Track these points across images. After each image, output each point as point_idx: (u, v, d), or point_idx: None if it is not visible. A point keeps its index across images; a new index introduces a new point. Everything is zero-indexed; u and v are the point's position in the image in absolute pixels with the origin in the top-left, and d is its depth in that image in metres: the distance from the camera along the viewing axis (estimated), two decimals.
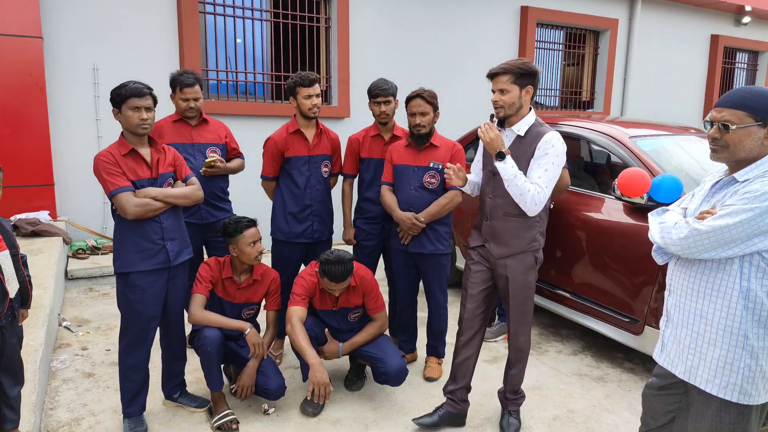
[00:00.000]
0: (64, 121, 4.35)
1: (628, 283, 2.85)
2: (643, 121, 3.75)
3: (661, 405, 1.67)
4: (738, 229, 1.38)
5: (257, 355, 2.38)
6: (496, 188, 2.19)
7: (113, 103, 2.14)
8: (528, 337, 2.33)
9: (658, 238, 1.57)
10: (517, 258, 2.21)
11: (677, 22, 7.93)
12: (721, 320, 1.45)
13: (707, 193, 1.55)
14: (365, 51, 5.49)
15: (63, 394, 2.60)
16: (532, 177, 2.10)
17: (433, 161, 2.66)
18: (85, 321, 3.46)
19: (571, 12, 6.83)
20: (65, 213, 4.44)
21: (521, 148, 2.14)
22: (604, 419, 2.53)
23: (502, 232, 2.20)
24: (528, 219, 2.17)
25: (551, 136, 2.10)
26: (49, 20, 4.19)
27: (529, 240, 2.20)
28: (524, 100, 2.11)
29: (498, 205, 2.19)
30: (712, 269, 1.47)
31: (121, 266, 2.18)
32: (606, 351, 3.25)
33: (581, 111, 7.50)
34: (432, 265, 2.73)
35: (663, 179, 2.67)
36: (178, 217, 2.27)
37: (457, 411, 2.40)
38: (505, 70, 2.07)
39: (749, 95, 1.42)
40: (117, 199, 2.09)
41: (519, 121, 2.14)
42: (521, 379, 2.39)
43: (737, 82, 9.12)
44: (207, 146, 2.83)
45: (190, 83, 2.73)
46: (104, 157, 2.11)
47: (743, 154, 1.44)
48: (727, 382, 1.45)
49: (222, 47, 4.95)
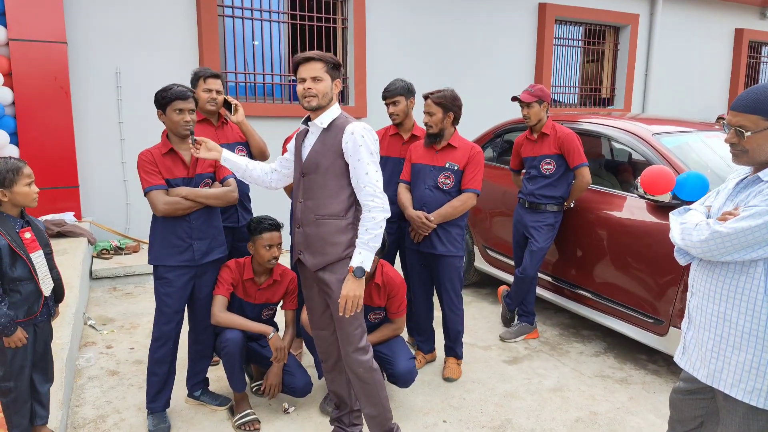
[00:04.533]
0: (88, 124, 4.46)
1: (652, 283, 2.79)
2: (666, 118, 3.67)
3: (689, 410, 1.64)
4: (762, 231, 1.34)
5: (280, 359, 2.41)
6: (307, 190, 1.99)
7: (158, 105, 2.22)
8: (365, 361, 2.01)
9: (678, 239, 1.53)
10: (335, 268, 1.96)
11: (700, 16, 7.73)
12: (746, 324, 1.42)
13: (731, 191, 1.51)
14: (382, 51, 5.49)
15: (88, 391, 2.66)
16: (358, 176, 1.91)
17: (449, 162, 2.66)
18: (109, 320, 3.54)
19: (590, 8, 6.72)
20: (90, 214, 4.55)
21: (327, 141, 1.97)
22: (628, 422, 2.48)
23: (316, 238, 1.97)
24: (342, 220, 1.95)
25: (354, 127, 1.93)
26: (74, 26, 4.30)
27: (344, 245, 1.95)
28: (334, 92, 1.98)
29: (309, 208, 1.98)
30: (736, 271, 1.43)
31: (153, 259, 2.29)
32: (629, 352, 3.19)
33: (601, 108, 7.37)
34: (443, 266, 2.71)
35: (688, 177, 2.61)
36: (210, 217, 2.32)
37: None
38: (320, 58, 1.92)
39: (762, 97, 1.37)
40: (149, 197, 2.19)
41: (320, 115, 1.97)
42: (384, 414, 2.07)
43: (763, 77, 8.85)
44: (234, 146, 2.78)
45: (214, 74, 2.72)
46: (144, 156, 2.22)
47: (764, 156, 1.40)
48: (753, 387, 1.41)
49: (240, 49, 5.01)
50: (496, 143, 4.11)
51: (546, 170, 3.12)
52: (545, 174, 3.13)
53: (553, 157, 3.09)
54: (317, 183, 1.98)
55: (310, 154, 2.00)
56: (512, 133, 3.93)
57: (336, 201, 1.96)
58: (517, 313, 3.43)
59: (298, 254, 2.06)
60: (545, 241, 3.16)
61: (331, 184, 1.96)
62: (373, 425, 2.11)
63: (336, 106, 2.02)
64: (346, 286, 1.91)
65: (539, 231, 3.15)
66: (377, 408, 2.07)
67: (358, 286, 1.91)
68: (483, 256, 3.99)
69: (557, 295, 3.42)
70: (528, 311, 3.35)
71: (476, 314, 3.70)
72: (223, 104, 2.73)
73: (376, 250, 1.94)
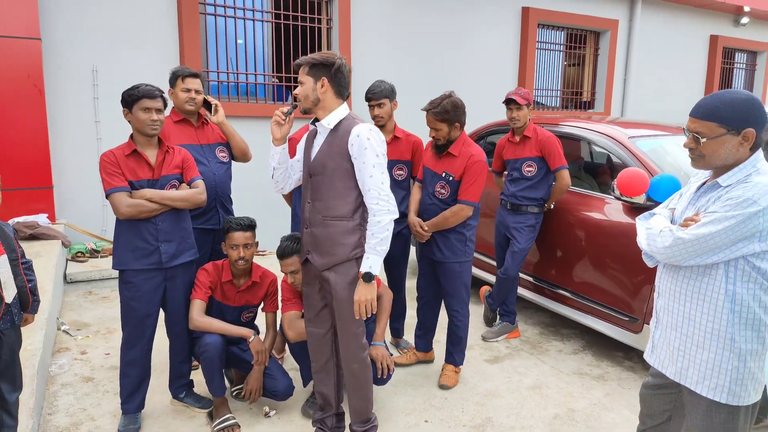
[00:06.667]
0: (63, 123, 4.35)
1: (627, 282, 2.85)
2: (642, 122, 3.75)
3: (658, 404, 1.69)
4: (721, 236, 1.39)
5: (261, 362, 2.39)
6: (314, 191, 2.00)
7: (124, 104, 2.18)
8: (363, 359, 2.07)
9: (644, 245, 1.58)
10: (340, 269, 1.97)
11: (677, 22, 7.94)
12: (708, 323, 1.47)
13: (693, 195, 1.57)
14: (367, 52, 5.49)
15: (62, 398, 2.59)
16: (363, 179, 1.92)
17: (446, 171, 2.63)
18: (84, 325, 3.45)
19: (571, 13, 6.84)
20: (64, 216, 4.43)
21: (334, 142, 1.97)
22: (604, 418, 2.52)
23: (324, 239, 1.99)
24: (349, 222, 1.96)
25: (360, 129, 1.91)
26: (48, 21, 4.19)
27: (352, 246, 1.96)
28: (320, 92, 1.94)
29: (317, 209, 1.99)
30: (699, 274, 1.48)
31: (117, 263, 2.24)
32: (606, 350, 3.25)
33: (582, 111, 7.50)
34: (444, 272, 2.71)
35: (661, 179, 2.68)
36: (178, 219, 2.28)
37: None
38: (300, 61, 1.95)
39: (720, 104, 1.42)
40: (111, 199, 2.14)
41: (327, 115, 1.97)
42: (367, 407, 2.15)
43: (736, 82, 9.13)
44: (215, 146, 2.74)
45: (193, 73, 2.66)
46: (106, 157, 2.17)
47: (719, 162, 1.46)
48: (716, 383, 1.47)
49: (223, 48, 4.95)
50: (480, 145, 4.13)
51: (528, 172, 3.16)
52: (527, 176, 3.17)
53: (535, 159, 3.13)
54: (324, 184, 1.98)
55: (317, 155, 2.00)
56: (496, 135, 3.96)
57: (343, 202, 1.97)
58: (498, 313, 3.46)
59: (306, 254, 2.06)
60: (526, 242, 3.19)
61: (338, 185, 1.96)
62: (356, 415, 2.17)
63: (343, 107, 2.01)
64: (358, 291, 1.95)
65: (520, 232, 3.19)
66: (363, 401, 2.14)
67: (370, 291, 1.94)
68: None
69: (538, 295, 3.47)
70: (509, 311, 3.39)
71: None
72: (203, 104, 2.69)
73: (384, 253, 1.95)
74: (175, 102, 2.68)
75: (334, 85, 1.95)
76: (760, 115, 1.40)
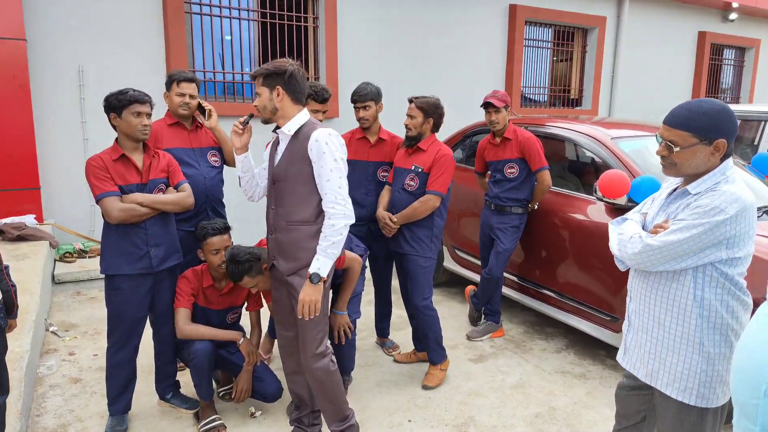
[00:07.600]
0: (50, 124, 4.32)
1: (609, 282, 2.90)
2: (627, 122, 3.78)
3: (632, 404, 1.73)
4: (689, 243, 1.42)
5: (252, 362, 2.43)
6: (278, 197, 2.02)
7: (112, 108, 2.17)
8: (324, 365, 2.06)
9: (616, 250, 1.62)
10: (304, 273, 1.98)
11: (665, 19, 7.98)
12: (677, 328, 1.51)
13: (664, 201, 1.60)
14: (354, 50, 5.49)
15: (50, 400, 2.61)
16: (321, 183, 1.94)
17: (415, 164, 2.71)
18: (72, 326, 3.47)
19: (559, 10, 6.86)
20: (52, 216, 4.42)
21: (295, 148, 1.99)
22: (584, 416, 2.58)
23: (288, 244, 2.01)
24: (312, 226, 1.98)
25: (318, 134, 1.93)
26: (33, 22, 4.16)
27: (315, 250, 1.95)
28: (277, 101, 1.96)
29: (280, 215, 2.01)
30: (668, 279, 1.52)
31: (106, 268, 2.25)
32: (589, 349, 3.31)
33: (570, 109, 7.55)
34: (407, 265, 2.75)
35: (642, 181, 2.72)
36: (166, 223, 2.30)
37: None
38: (253, 74, 1.99)
39: (693, 114, 1.45)
40: (102, 204, 2.14)
41: (287, 122, 2.00)
42: (340, 408, 2.14)
43: (724, 78, 9.20)
44: (207, 150, 2.75)
45: (189, 78, 2.67)
46: (94, 162, 2.17)
47: (690, 170, 1.49)
48: (686, 386, 1.51)
49: (209, 47, 4.93)
50: (465, 145, 4.17)
51: (510, 174, 3.20)
52: (509, 177, 3.21)
53: (516, 161, 3.17)
54: (286, 190, 2.00)
55: (279, 162, 2.03)
56: (480, 135, 3.99)
57: (305, 207, 1.99)
58: (483, 313, 3.51)
59: (272, 260, 2.09)
60: (510, 242, 3.24)
61: (300, 190, 1.98)
62: (330, 415, 2.17)
63: (303, 113, 2.03)
64: (304, 291, 1.96)
65: (504, 232, 3.23)
66: (334, 404, 2.15)
67: (315, 291, 1.95)
68: (452, 256, 4.06)
69: (523, 294, 3.52)
70: (494, 310, 3.44)
71: (445, 314, 3.76)
72: (197, 108, 2.71)
73: (335, 256, 1.96)
74: (169, 105, 2.70)
75: (289, 92, 1.97)
76: (731, 125, 1.44)
